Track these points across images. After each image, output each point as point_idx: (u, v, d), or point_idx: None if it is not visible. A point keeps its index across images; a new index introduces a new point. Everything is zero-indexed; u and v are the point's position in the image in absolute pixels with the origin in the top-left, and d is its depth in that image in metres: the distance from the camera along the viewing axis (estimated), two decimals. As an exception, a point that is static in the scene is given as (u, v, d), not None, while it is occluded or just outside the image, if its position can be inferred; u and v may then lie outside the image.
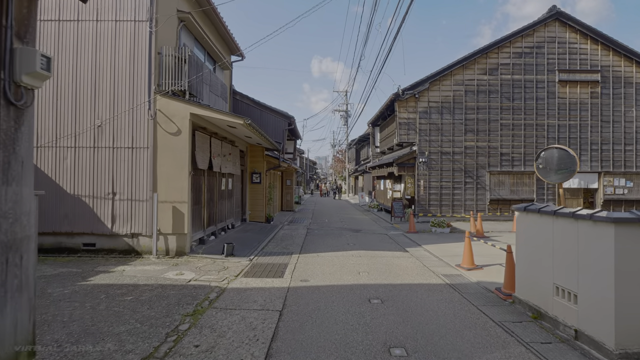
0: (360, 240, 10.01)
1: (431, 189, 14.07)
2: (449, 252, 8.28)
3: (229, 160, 10.42)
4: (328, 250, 8.60)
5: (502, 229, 12.24)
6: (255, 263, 7.16)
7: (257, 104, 13.67)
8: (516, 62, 14.22)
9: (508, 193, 14.17)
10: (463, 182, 14.14)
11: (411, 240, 10.04)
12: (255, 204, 13.48)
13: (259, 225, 12.58)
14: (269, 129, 13.70)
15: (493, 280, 6.04)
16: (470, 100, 14.17)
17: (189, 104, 7.47)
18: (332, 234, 11.35)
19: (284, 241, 9.80)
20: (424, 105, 14.10)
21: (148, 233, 7.46)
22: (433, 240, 10.11)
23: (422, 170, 14.04)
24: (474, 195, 14.14)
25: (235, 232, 10.74)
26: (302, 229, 12.26)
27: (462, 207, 14.10)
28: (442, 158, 14.12)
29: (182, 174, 7.45)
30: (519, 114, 14.22)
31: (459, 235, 11.09)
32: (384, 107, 15.39)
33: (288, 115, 13.60)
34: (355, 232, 11.68)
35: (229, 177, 11.02)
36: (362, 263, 7.20)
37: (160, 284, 5.57)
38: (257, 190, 13.47)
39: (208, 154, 8.57)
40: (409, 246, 9.20)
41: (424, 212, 14.01)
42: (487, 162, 14.18)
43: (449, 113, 14.13)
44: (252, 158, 13.47)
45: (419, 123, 14.07)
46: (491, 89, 14.18)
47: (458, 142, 14.15)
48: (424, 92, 14.08)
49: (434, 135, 14.11)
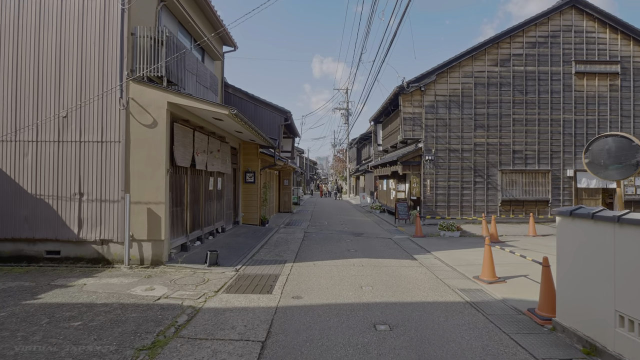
0: (362, 246, 9.05)
1: (438, 189, 13.10)
2: (463, 261, 7.31)
3: (218, 157, 9.48)
4: (326, 257, 7.64)
5: (516, 233, 11.26)
6: (241, 274, 6.20)
7: (250, 98, 12.74)
8: (529, 53, 13.24)
9: (521, 193, 13.19)
10: (473, 181, 13.16)
11: (419, 246, 9.08)
12: (249, 205, 12.53)
13: (253, 229, 11.63)
14: (264, 124, 12.76)
15: (521, 297, 5.07)
16: (480, 94, 13.20)
17: (166, 92, 6.53)
18: (331, 238, 10.39)
19: (278, 247, 8.85)
20: (431, 99, 13.14)
21: (120, 239, 6.52)
22: (443, 245, 9.14)
23: (428, 169, 13.08)
24: (484, 196, 13.16)
25: (226, 237, 9.79)
26: (299, 233, 11.31)
27: (472, 208, 13.13)
28: (450, 156, 13.15)
29: (159, 171, 6.50)
30: (533, 108, 13.24)
31: (470, 240, 10.12)
32: (387, 101, 14.43)
33: (284, 110, 12.66)
34: (357, 236, 10.72)
35: (219, 176, 10.08)
36: (365, 274, 6.24)
37: (123, 303, 4.62)
38: (251, 190, 12.53)
39: (191, 150, 7.63)
40: (417, 253, 8.24)
41: (430, 214, 13.04)
42: (499, 160, 13.20)
43: (458, 107, 13.17)
44: (246, 156, 12.53)
45: (425, 118, 13.10)
46: (503, 82, 13.21)
47: (467, 139, 13.18)
48: (431, 84, 13.11)
49: (441, 132, 13.15)
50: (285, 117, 12.73)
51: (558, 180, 13.25)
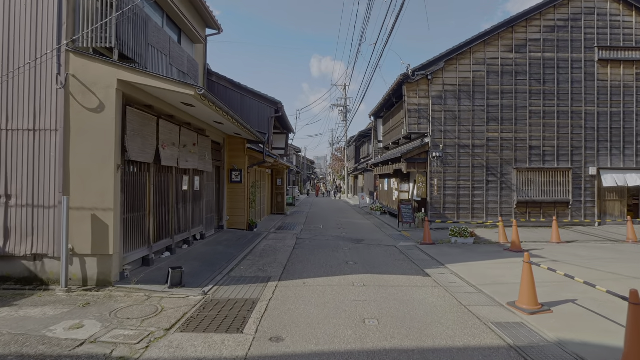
0: (363, 256, 7.70)
1: (447, 190, 11.76)
2: (486, 278, 5.97)
3: (194, 153, 8.10)
4: (320, 273, 6.28)
5: (536, 239, 9.93)
6: (210, 299, 4.84)
7: (237, 87, 11.36)
8: (548, 38, 11.92)
9: (538, 194, 11.87)
10: (485, 180, 11.83)
11: (429, 257, 7.73)
12: (235, 207, 11.15)
13: (238, 234, 10.25)
14: (252, 117, 11.38)
15: (583, 338, 3.72)
16: (494, 83, 11.86)
17: (116, 67, 5.15)
18: (326, 245, 9.03)
19: (264, 257, 7.48)
20: (439, 89, 11.79)
21: (57, 254, 5.14)
22: (457, 256, 7.80)
23: (435, 167, 11.73)
24: (497, 197, 11.83)
25: (204, 245, 8.41)
26: (290, 239, 9.94)
27: (484, 211, 11.79)
28: (460, 152, 11.81)
29: (106, 168, 5.12)
30: (551, 99, 11.92)
31: (487, 248, 8.77)
32: (389, 92, 13.08)
33: (274, 100, 11.28)
34: (356, 243, 9.36)
35: (197, 174, 8.70)
36: (367, 299, 4.88)
37: (23, 354, 3.24)
38: (237, 191, 11.14)
39: (154, 142, 6.24)
40: (429, 266, 6.89)
41: (438, 217, 11.70)
42: (514, 156, 11.88)
43: (468, 98, 11.82)
44: (231, 152, 11.15)
45: (432, 110, 11.75)
46: (518, 70, 11.87)
47: (479, 133, 11.85)
48: (439, 72, 11.77)
49: (450, 125, 11.80)
50: (276, 108, 11.35)
51: (579, 179, 11.94)
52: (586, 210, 11.95)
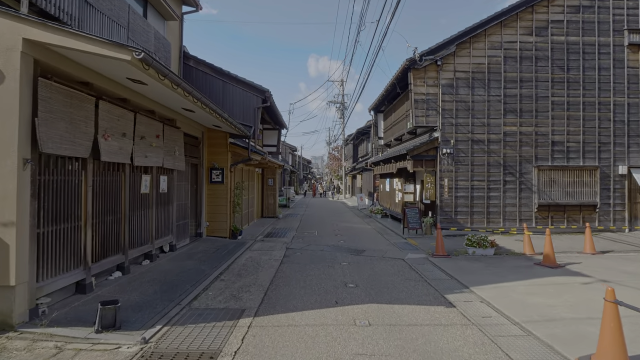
0: (365, 275, 6.23)
1: (458, 191, 10.32)
2: (530, 309, 4.52)
3: (158, 147, 6.60)
4: (310, 302, 4.81)
5: (564, 248, 8.53)
6: (149, 353, 3.35)
7: (218, 73, 9.87)
8: (572, 19, 10.52)
9: (562, 196, 10.46)
10: (502, 180, 10.41)
11: (447, 275, 6.28)
12: (216, 212, 9.65)
13: (218, 244, 8.76)
14: (236, 107, 9.90)
15: None
16: (511, 70, 10.44)
17: (22, 22, 3.65)
18: (321, 258, 7.55)
19: (242, 277, 6.00)
20: (449, 76, 10.35)
21: (-64, 285, 3.63)
22: (480, 272, 6.35)
23: (446, 165, 10.30)
24: (516, 199, 10.41)
25: (171, 260, 6.92)
26: (278, 249, 8.45)
27: (501, 215, 10.37)
28: (474, 148, 10.38)
29: (3, 164, 3.63)
30: (576, 88, 10.52)
31: (513, 261, 7.33)
32: (392, 80, 11.62)
33: (262, 88, 9.80)
34: (356, 255, 7.90)
35: (164, 173, 7.20)
36: (377, 353, 3.41)
37: None
38: (218, 192, 9.64)
39: (90, 130, 4.73)
40: (450, 289, 5.44)
41: (448, 222, 10.27)
42: (534, 153, 10.47)
43: (483, 87, 10.40)
44: (212, 148, 9.64)
45: (442, 100, 10.31)
46: (539, 55, 10.47)
47: (495, 127, 10.42)
48: (449, 57, 10.33)
49: (462, 117, 10.37)
50: (263, 97, 9.87)
51: (607, 179, 10.55)
52: (615, 215, 10.57)
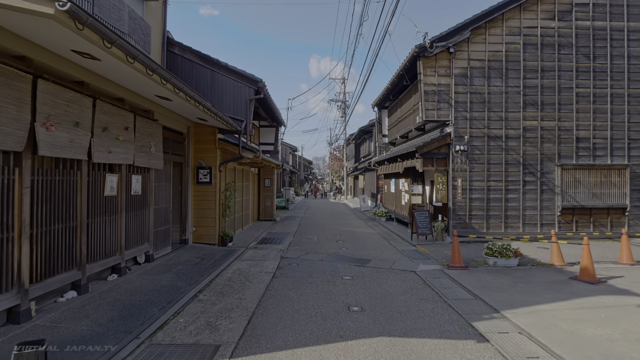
0: (372, 294, 5.22)
1: (473, 192, 9.30)
2: (586, 344, 3.50)
3: (127, 141, 5.62)
4: (304, 334, 3.80)
5: (596, 257, 7.44)
6: None
7: (206, 61, 8.88)
8: (598, 2, 9.50)
9: (588, 198, 9.42)
10: (521, 181, 9.38)
11: (470, 293, 5.26)
12: (203, 216, 8.65)
13: (204, 252, 7.76)
14: (226, 99, 8.92)
15: None
16: (531, 58, 9.42)
17: None
18: (320, 271, 6.54)
19: (224, 297, 5.00)
20: (463, 65, 9.34)
21: None
22: (509, 290, 5.33)
23: (459, 164, 9.28)
24: (537, 202, 9.38)
25: (144, 273, 5.92)
26: (272, 259, 7.45)
27: (520, 219, 9.34)
28: (490, 145, 9.36)
29: None
30: (603, 78, 9.49)
31: (544, 274, 6.30)
32: (399, 71, 10.60)
33: (254, 78, 8.81)
34: (360, 267, 6.89)
35: (138, 172, 6.21)
36: (394, 423, 2.39)
37: None
38: (206, 194, 8.65)
39: (25, 117, 3.73)
40: (477, 314, 4.42)
41: (462, 227, 9.24)
42: (557, 151, 9.44)
43: (500, 77, 9.38)
44: (199, 145, 8.65)
45: (455, 92, 9.30)
46: (562, 42, 9.44)
47: (513, 121, 9.40)
48: (463, 44, 9.32)
49: (478, 110, 9.35)
50: (256, 88, 8.87)
51: (638, 179, 9.51)
52: (647, 218, 9.53)
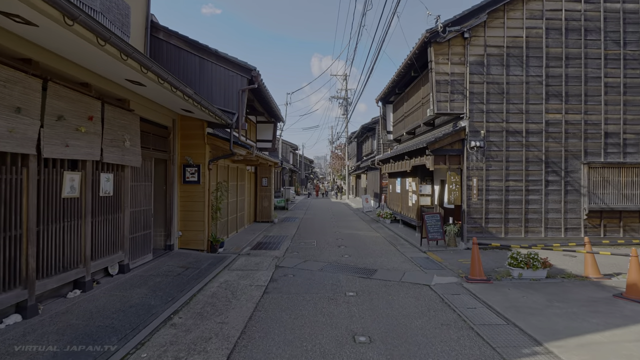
0: (381, 317, 4.34)
1: (490, 193, 8.41)
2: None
3: (93, 133, 4.76)
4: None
5: (634, 268, 6.56)
6: None
7: (194, 47, 8.01)
8: (629, -18, 8.57)
9: (617, 199, 8.51)
10: (543, 181, 8.48)
11: (500, 316, 4.37)
12: (190, 218, 7.80)
13: (190, 259, 6.90)
14: (216, 90, 8.05)
15: None
16: (555, 44, 8.51)
17: None
18: (319, 285, 5.67)
19: (203, 320, 4.14)
20: (479, 52, 8.44)
21: None
22: (543, 310, 4.45)
23: (474, 162, 8.38)
24: (560, 204, 8.47)
25: (112, 288, 5.06)
26: (265, 269, 6.58)
27: (542, 223, 8.44)
28: (509, 141, 8.46)
29: None
30: (635, 67, 8.57)
31: (581, 290, 5.40)
32: (407, 60, 9.69)
33: (248, 66, 7.93)
34: (366, 279, 6.01)
35: (108, 170, 5.36)
36: None
37: None
38: (194, 195, 7.79)
39: None
40: (513, 346, 3.53)
41: (477, 231, 8.35)
42: (583, 147, 8.53)
43: (520, 65, 8.47)
44: (185, 140, 7.79)
45: (470, 82, 8.40)
46: (589, 26, 8.52)
47: (534, 114, 8.50)
48: (479, 28, 8.41)
49: (495, 102, 8.45)
50: (250, 77, 8.00)
51: (673, 178, 8.59)
52: (682, 222, 8.60)
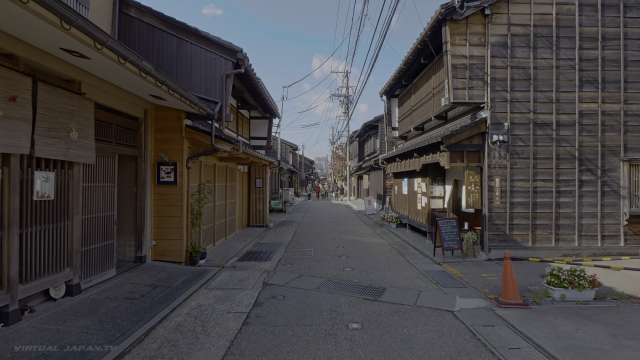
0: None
1: (514, 195, 7.26)
2: None
3: (18, 119, 3.65)
4: None
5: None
6: None
7: (170, 26, 6.90)
8: (675, -49, 7.42)
9: (662, 202, 7.34)
10: (576, 181, 7.32)
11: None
12: (166, 225, 6.67)
13: (161, 275, 5.77)
14: (195, 75, 6.93)
15: None
16: (589, 23, 7.36)
17: None
18: (314, 313, 4.53)
19: (154, 370, 3.00)
20: (502, 32, 7.30)
21: None
22: (614, 351, 3.32)
23: (497, 159, 7.24)
24: (596, 207, 7.32)
25: (50, 318, 3.93)
26: (249, 289, 5.44)
27: (575, 229, 7.28)
28: (536, 135, 7.32)
29: None
30: (681, 49, 7.41)
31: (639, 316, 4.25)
32: (418, 45, 8.54)
33: (233, 47, 6.81)
34: (373, 302, 4.86)
35: (48, 167, 4.25)
36: None
37: None
38: (170, 197, 6.67)
39: None
40: None
41: (500, 239, 7.21)
42: (622, 142, 7.37)
43: (549, 47, 7.32)
44: (160, 134, 6.67)
45: (492, 66, 7.25)
46: (629, 2, 7.38)
47: (566, 104, 7.35)
48: (502, 5, 7.28)
49: (521, 90, 7.31)
50: (235, 61, 6.87)
51: None
52: None
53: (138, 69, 4.06)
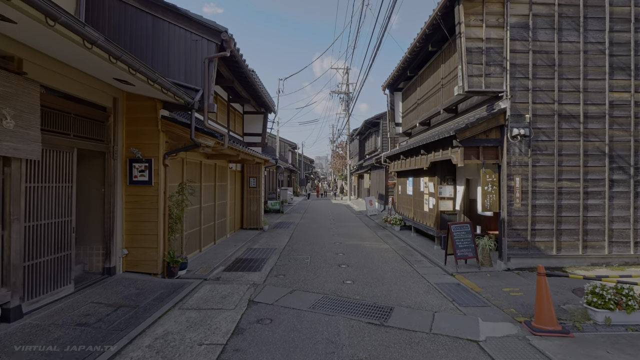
0: None
1: (537, 197, 6.40)
2: None
3: None
4: None
5: None
6: None
7: (144, 2, 6.02)
8: None
9: (703, 204, 6.49)
10: (606, 180, 6.47)
11: None
12: (140, 231, 5.81)
13: (130, 291, 4.92)
14: (173, 59, 6.07)
15: None
16: (621, 2, 6.51)
17: None
18: (306, 344, 3.67)
19: None
20: (522, 11, 6.43)
21: None
22: None
23: (517, 156, 6.38)
24: (629, 210, 6.47)
25: (-35, 358, 3.07)
26: (231, 310, 4.58)
27: (605, 234, 6.43)
28: (561, 128, 6.46)
29: None
30: None
31: None
32: (426, 29, 7.64)
33: (216, 27, 5.94)
34: (379, 327, 4.01)
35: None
36: None
37: None
38: (144, 199, 5.81)
39: None
40: None
41: (521, 246, 6.36)
42: (658, 136, 6.52)
43: (575, 28, 6.47)
44: (133, 126, 5.81)
45: (512, 50, 6.39)
46: (666, -22, 6.52)
47: (594, 93, 6.49)
48: (523, -20, 6.41)
49: (544, 77, 6.44)
50: (219, 42, 6.00)
51: None
52: None
53: (81, 38, 3.19)
